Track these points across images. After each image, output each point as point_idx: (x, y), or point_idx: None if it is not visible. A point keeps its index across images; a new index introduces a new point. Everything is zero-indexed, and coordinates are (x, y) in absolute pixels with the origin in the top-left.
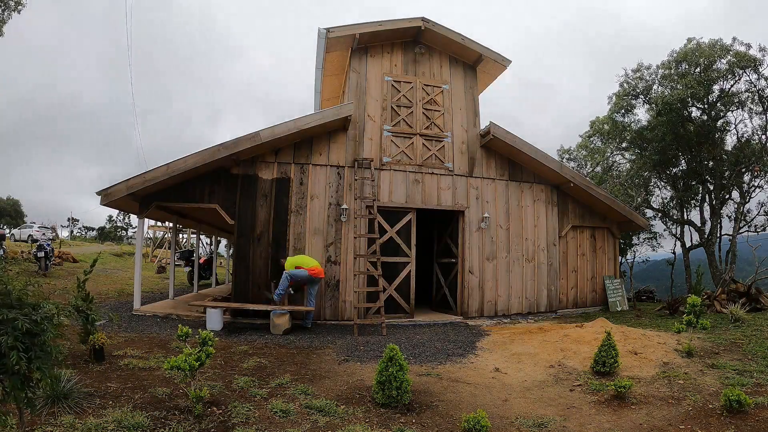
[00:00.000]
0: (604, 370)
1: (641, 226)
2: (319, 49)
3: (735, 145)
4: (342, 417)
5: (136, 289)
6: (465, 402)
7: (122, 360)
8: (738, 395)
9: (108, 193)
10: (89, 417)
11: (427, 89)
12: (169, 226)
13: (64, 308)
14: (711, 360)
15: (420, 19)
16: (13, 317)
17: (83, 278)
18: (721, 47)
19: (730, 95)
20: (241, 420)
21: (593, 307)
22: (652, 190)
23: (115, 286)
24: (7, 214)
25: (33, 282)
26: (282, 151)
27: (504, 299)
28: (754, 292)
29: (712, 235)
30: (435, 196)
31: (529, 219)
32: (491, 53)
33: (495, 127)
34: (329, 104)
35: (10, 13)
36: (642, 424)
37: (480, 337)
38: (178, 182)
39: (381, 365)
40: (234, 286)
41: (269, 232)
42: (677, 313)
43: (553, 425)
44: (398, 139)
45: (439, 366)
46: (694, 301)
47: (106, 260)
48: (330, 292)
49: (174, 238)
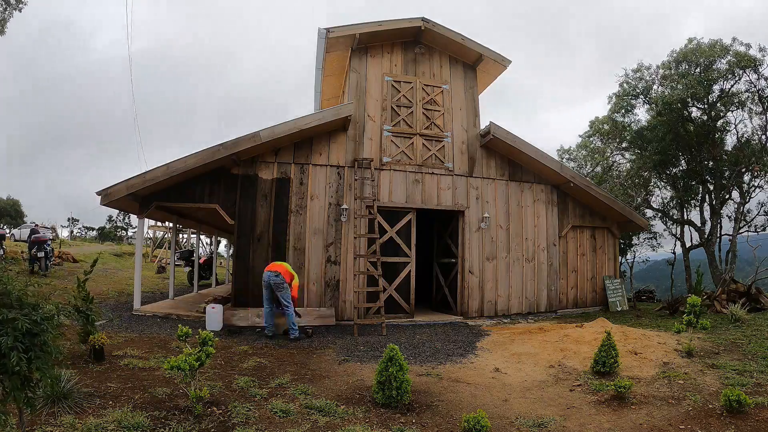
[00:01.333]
0: (604, 370)
1: (641, 226)
2: (319, 49)
3: (735, 145)
4: (342, 417)
5: (136, 289)
6: (465, 402)
7: (122, 360)
8: (738, 395)
9: (108, 193)
10: (89, 417)
11: (427, 89)
12: (169, 226)
13: (64, 308)
14: (711, 360)
15: (420, 19)
16: (13, 317)
17: (83, 278)
18: (721, 47)
19: (730, 95)
20: (241, 420)
21: (593, 307)
22: (652, 190)
23: (115, 286)
24: (7, 214)
25: (33, 282)
26: (282, 151)
27: (504, 299)
28: (754, 292)
29: (712, 235)
30: (435, 196)
31: (529, 219)
32: (491, 53)
33: (495, 127)
34: (329, 104)
35: (12, 11)
36: (642, 424)
37: (480, 337)
38: (178, 182)
39: (381, 365)
40: (234, 286)
41: (269, 232)
42: (677, 313)
43: (553, 425)
44: (398, 139)
45: (439, 366)
46: (694, 301)
47: (106, 260)
48: (330, 292)
49: (174, 238)
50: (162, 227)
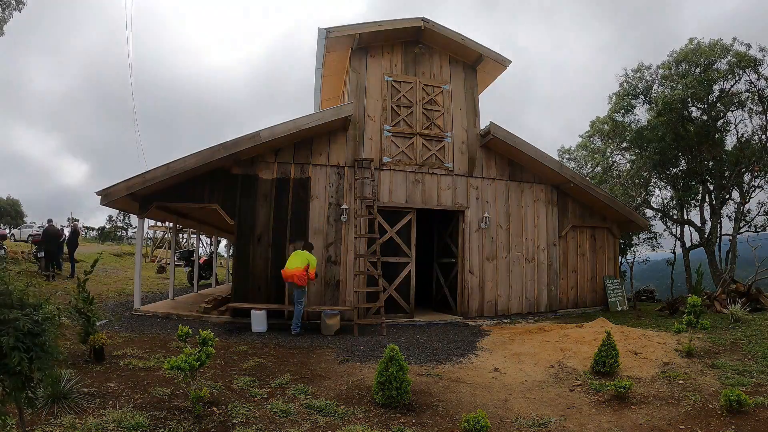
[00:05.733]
0: (605, 370)
1: (641, 226)
2: (319, 49)
3: (735, 145)
4: (342, 417)
5: (136, 289)
6: (465, 402)
7: (122, 360)
8: (738, 395)
9: (108, 193)
10: (89, 417)
11: (427, 89)
12: (169, 226)
13: (65, 308)
14: (711, 360)
15: (420, 19)
16: (14, 317)
17: (83, 278)
18: (722, 47)
19: (730, 95)
20: (241, 420)
21: (593, 307)
22: (652, 190)
23: (115, 286)
24: (7, 214)
25: (34, 282)
26: (282, 151)
27: (504, 299)
28: (754, 292)
29: (712, 235)
30: (435, 196)
31: (529, 219)
32: (491, 53)
33: (495, 127)
34: (329, 104)
35: (11, 12)
36: (642, 424)
37: (480, 337)
38: (178, 182)
39: (381, 365)
40: (234, 286)
41: (269, 232)
42: (677, 313)
43: (553, 425)
44: (398, 139)
45: (439, 366)
46: (694, 301)
47: (106, 260)
48: (330, 292)
49: (174, 238)
50: (162, 227)
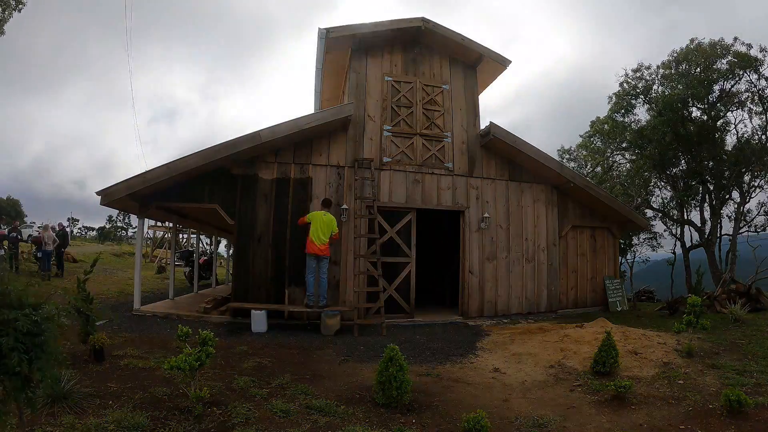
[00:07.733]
0: (604, 370)
1: (641, 226)
2: (319, 50)
3: (735, 145)
4: (342, 417)
5: (136, 289)
6: (465, 402)
7: (122, 360)
8: (738, 395)
9: (108, 192)
10: (89, 417)
11: (427, 89)
12: (169, 226)
13: (65, 308)
14: (711, 360)
15: (420, 19)
16: (13, 317)
17: (83, 278)
18: (722, 47)
19: (731, 95)
20: (241, 420)
21: (593, 307)
22: (652, 190)
23: (115, 286)
24: (6, 214)
25: (33, 282)
26: (282, 151)
27: (504, 299)
28: (754, 292)
29: (712, 235)
30: (435, 196)
31: (529, 219)
32: (491, 53)
33: (495, 127)
34: (329, 104)
35: (11, 12)
36: (642, 424)
37: (480, 337)
38: (178, 182)
39: (381, 365)
40: (234, 286)
41: (269, 232)
42: (677, 313)
43: (553, 425)
44: (398, 139)
45: (439, 366)
46: (694, 301)
47: (106, 260)
48: (330, 292)
49: (174, 238)
50: (162, 227)
